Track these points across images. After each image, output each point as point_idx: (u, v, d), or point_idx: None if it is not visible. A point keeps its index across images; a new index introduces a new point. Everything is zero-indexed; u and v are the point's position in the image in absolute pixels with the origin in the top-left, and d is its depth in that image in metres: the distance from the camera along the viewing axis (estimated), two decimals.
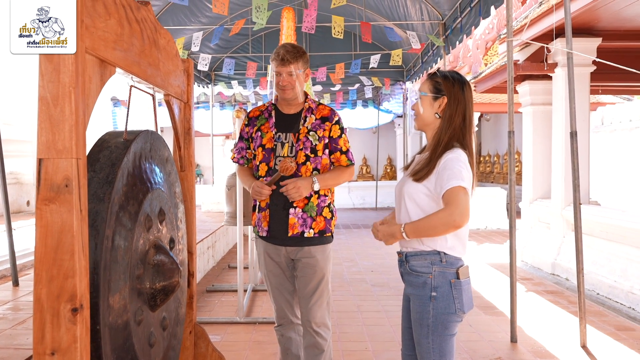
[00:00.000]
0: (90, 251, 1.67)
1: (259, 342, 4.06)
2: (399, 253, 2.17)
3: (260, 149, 2.74)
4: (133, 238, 1.93)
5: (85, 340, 1.53)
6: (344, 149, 2.78)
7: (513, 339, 4.07)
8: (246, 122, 2.84)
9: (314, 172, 2.70)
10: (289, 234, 2.67)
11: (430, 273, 2.04)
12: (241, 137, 2.85)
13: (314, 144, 2.71)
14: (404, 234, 2.02)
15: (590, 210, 5.92)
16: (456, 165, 1.97)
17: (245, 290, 5.25)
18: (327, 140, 2.74)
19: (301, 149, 2.69)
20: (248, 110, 2.89)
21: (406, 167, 2.25)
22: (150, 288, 2.07)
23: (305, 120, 2.74)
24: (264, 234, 2.74)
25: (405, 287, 2.16)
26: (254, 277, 5.76)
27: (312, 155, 2.70)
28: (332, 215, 2.78)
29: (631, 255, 5.20)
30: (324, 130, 2.73)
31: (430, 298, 2.03)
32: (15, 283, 4.52)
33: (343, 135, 2.79)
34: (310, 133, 2.71)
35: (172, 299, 2.34)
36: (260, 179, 2.71)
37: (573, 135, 4.13)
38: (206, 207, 10.09)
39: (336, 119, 2.78)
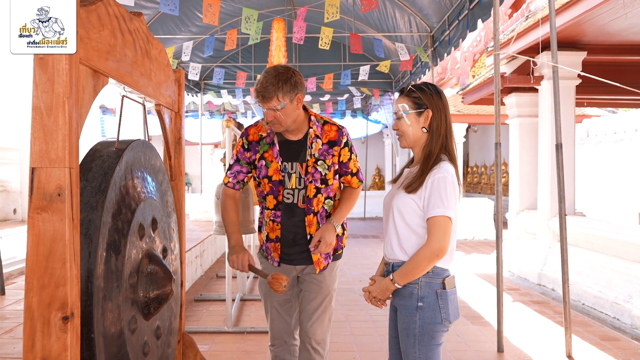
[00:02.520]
0: (84, 260, 1.68)
1: (247, 351, 4.06)
2: (386, 264, 2.19)
3: (266, 181, 2.53)
4: (126, 247, 1.94)
5: (76, 348, 1.54)
6: (354, 170, 2.62)
7: (499, 349, 4.10)
8: (246, 146, 2.58)
9: (327, 200, 2.56)
10: (317, 272, 2.58)
11: (417, 283, 2.06)
12: (238, 160, 2.61)
13: (323, 174, 2.52)
14: (395, 284, 2.07)
15: (575, 221, 5.99)
16: (443, 188, 2.02)
17: (233, 300, 5.25)
18: (337, 167, 2.57)
19: (310, 182, 2.50)
20: (245, 129, 2.62)
21: (394, 180, 2.27)
22: (144, 297, 2.08)
23: (311, 148, 2.51)
24: (276, 265, 2.61)
25: (392, 297, 2.18)
26: (242, 287, 5.75)
27: (323, 186, 2.53)
28: (343, 230, 2.67)
29: (615, 266, 5.26)
30: (333, 156, 2.54)
31: (417, 308, 2.05)
32: (2, 292, 4.49)
33: (352, 155, 2.61)
34: (319, 162, 2.51)
35: (165, 308, 2.35)
36: (267, 211, 2.56)
37: (559, 147, 4.19)
38: (194, 216, 10.07)
39: (344, 140, 2.56)
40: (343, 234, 2.66)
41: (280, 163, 2.50)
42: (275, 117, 2.40)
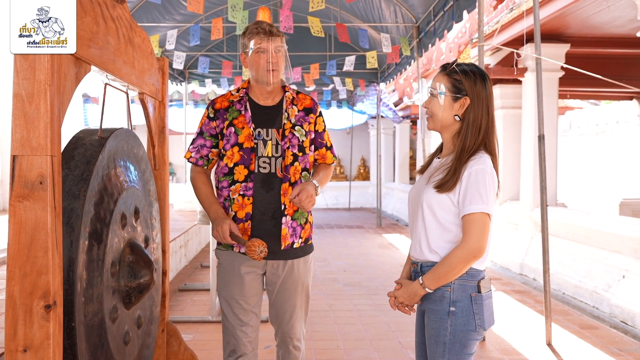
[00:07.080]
0: (65, 248, 1.68)
1: None
2: (414, 263, 1.95)
3: (236, 149, 2.29)
4: (108, 236, 1.93)
5: (58, 337, 1.54)
6: (328, 144, 2.46)
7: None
8: (212, 115, 2.36)
9: (304, 172, 2.35)
10: (282, 247, 2.28)
11: (449, 286, 1.83)
12: (202, 133, 2.38)
13: (301, 140, 2.34)
14: (426, 289, 1.84)
15: (557, 212, 6.07)
16: (482, 181, 1.79)
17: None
18: (312, 135, 2.40)
19: (288, 148, 2.30)
20: (212, 99, 2.41)
21: (422, 170, 2.02)
22: (125, 286, 2.08)
23: (288, 113, 2.35)
24: (243, 250, 2.29)
25: (420, 300, 1.91)
26: None
27: (300, 154, 2.33)
28: (312, 219, 2.48)
29: (595, 256, 5.35)
30: (309, 123, 2.38)
31: (449, 313, 1.83)
32: None
33: (326, 128, 2.47)
34: (296, 128, 2.34)
35: (146, 297, 2.35)
36: (236, 184, 2.28)
37: (541, 138, 4.23)
38: (179, 206, 10.02)
39: (319, 110, 2.44)
40: (312, 222, 2.46)
41: (253, 129, 2.30)
42: (279, 60, 2.27)
